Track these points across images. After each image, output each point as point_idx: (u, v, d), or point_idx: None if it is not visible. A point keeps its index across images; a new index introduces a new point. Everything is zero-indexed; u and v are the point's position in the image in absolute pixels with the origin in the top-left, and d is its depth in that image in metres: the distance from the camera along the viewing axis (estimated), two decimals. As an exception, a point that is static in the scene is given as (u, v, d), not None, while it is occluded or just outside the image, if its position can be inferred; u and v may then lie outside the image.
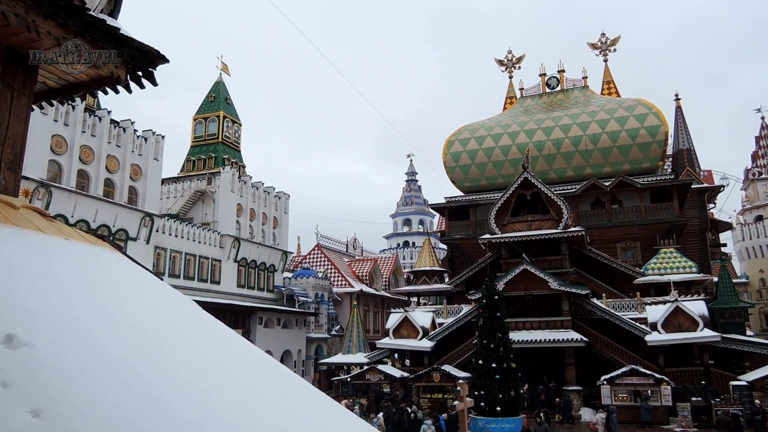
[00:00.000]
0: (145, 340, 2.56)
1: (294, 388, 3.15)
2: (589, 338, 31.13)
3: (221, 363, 2.81)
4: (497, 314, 23.19)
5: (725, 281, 33.73)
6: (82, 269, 3.12)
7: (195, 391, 2.35)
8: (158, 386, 2.23)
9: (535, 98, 48.79)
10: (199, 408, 2.24)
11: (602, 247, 37.43)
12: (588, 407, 29.09)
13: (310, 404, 3.09)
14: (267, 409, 2.57)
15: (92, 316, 2.55)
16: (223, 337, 3.28)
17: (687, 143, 46.19)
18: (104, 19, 4.30)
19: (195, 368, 2.54)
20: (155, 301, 3.20)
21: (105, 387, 2.09)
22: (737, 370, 29.69)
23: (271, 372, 3.17)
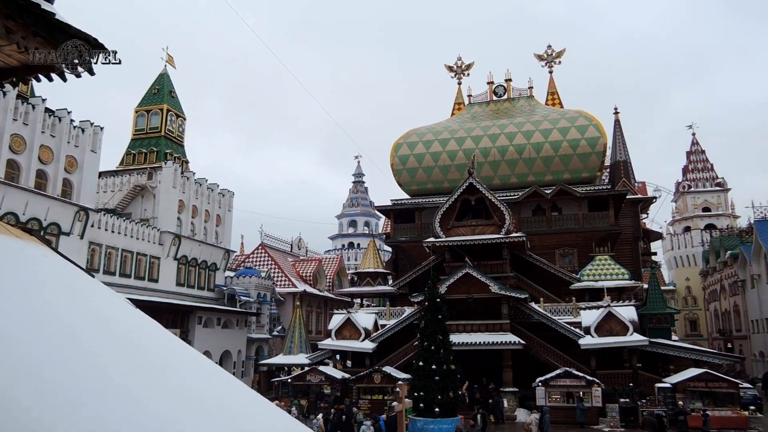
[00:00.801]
0: (60, 339, 2.47)
1: (225, 389, 3.11)
2: (527, 341, 31.92)
3: (142, 365, 2.75)
4: (439, 317, 23.49)
5: (654, 288, 35.26)
6: (1, 264, 2.99)
7: (107, 394, 2.29)
8: (68, 390, 2.16)
9: (483, 105, 49.69)
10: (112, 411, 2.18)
11: (542, 252, 38.45)
12: (523, 408, 29.84)
13: (241, 405, 3.07)
14: (192, 409, 2.54)
15: (5, 313, 2.45)
16: (151, 337, 3.21)
17: (624, 155, 48.00)
18: (38, 3, 4.14)
19: (114, 371, 2.47)
20: (80, 299, 3.10)
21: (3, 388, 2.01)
22: (662, 373, 31.10)
23: (201, 372, 3.13)
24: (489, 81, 50.47)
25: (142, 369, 2.60)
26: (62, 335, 2.52)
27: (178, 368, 2.98)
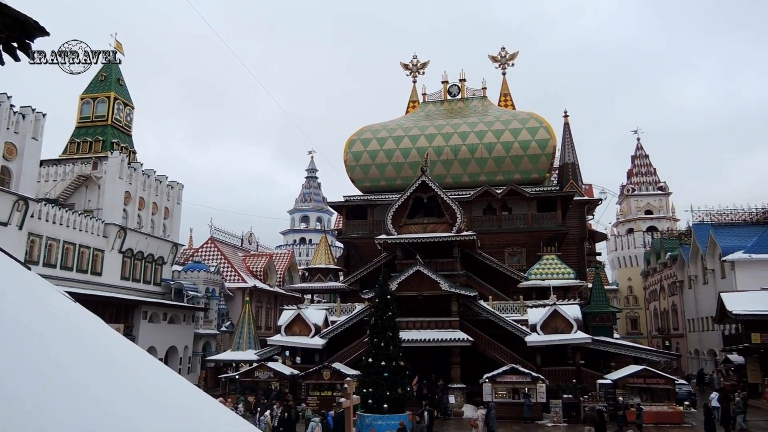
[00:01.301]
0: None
1: (166, 386, 3.04)
2: (475, 338, 32.43)
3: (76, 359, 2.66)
4: (389, 313, 23.59)
5: (598, 288, 36.37)
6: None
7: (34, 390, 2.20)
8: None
9: (437, 104, 50.13)
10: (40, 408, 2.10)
11: (492, 251, 39.10)
12: (470, 404, 30.31)
13: (182, 402, 3.00)
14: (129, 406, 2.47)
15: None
16: (82, 331, 3.10)
17: (572, 158, 49.32)
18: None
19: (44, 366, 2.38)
20: (10, 292, 2.97)
21: None
22: (604, 370, 32.16)
23: (140, 368, 3.04)
24: (444, 80, 50.97)
25: (77, 364, 2.52)
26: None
27: (116, 364, 2.89)
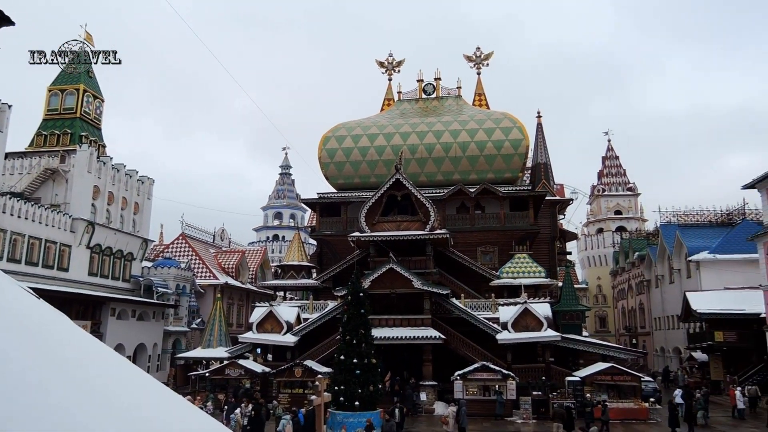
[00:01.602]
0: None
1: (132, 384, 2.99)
2: (447, 336, 32.63)
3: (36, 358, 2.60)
4: (361, 311, 23.58)
5: (568, 286, 36.89)
6: None
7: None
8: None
9: (412, 102, 50.24)
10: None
11: (464, 250, 39.37)
12: (442, 401, 30.51)
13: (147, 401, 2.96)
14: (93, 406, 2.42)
15: None
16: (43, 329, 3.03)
17: (545, 158, 49.89)
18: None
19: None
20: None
21: None
22: (573, 367, 32.66)
23: (104, 367, 2.99)
24: (419, 79, 51.09)
25: (36, 363, 2.46)
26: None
27: (79, 362, 2.83)
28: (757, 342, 34.59)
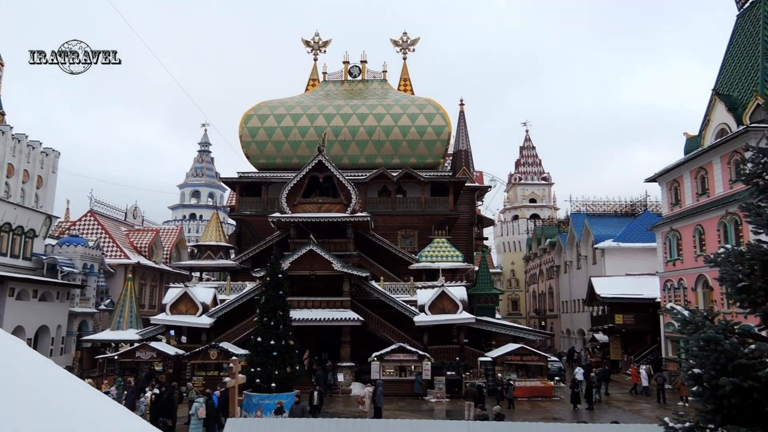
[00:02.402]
0: None
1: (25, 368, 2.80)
2: (366, 318, 32.96)
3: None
4: (280, 292, 23.36)
5: (484, 271, 38.14)
6: None
7: None
8: None
9: (337, 84, 49.82)
10: None
11: (385, 233, 39.74)
12: (359, 382, 30.87)
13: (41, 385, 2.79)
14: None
15: None
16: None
17: (466, 145, 50.99)
18: None
19: None
20: None
21: None
22: (486, 348, 33.93)
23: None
24: (345, 60, 50.70)
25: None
26: None
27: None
28: (652, 324, 37.22)
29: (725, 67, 32.73)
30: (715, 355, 6.69)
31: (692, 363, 7.22)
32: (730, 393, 6.50)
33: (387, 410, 23.84)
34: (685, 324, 7.49)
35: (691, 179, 32.34)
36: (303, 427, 10.16)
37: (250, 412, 20.68)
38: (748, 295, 7.47)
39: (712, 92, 31.53)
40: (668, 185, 35.10)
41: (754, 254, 7.33)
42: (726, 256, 7.75)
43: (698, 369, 7.08)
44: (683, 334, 7.73)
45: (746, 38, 31.47)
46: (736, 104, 29.54)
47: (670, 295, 33.65)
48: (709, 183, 30.48)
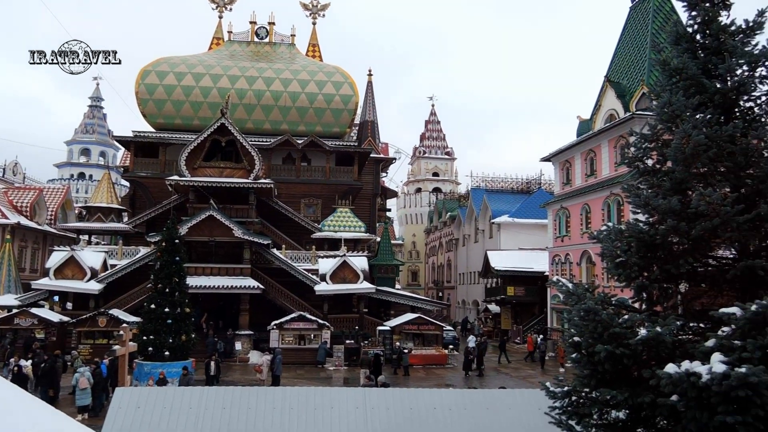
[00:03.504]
0: None
1: None
2: (266, 286, 32.65)
3: None
4: (176, 258, 22.55)
5: (385, 242, 38.79)
6: None
7: None
8: None
9: (243, 45, 48.04)
10: None
11: (288, 201, 39.29)
12: (257, 350, 30.65)
13: None
14: None
15: None
16: None
17: (372, 116, 51.10)
18: None
19: None
20: None
21: None
22: (385, 317, 34.72)
23: None
24: (252, 21, 48.90)
25: None
26: None
27: None
28: (540, 296, 39.61)
29: (617, 56, 34.78)
30: (593, 324, 7.23)
31: (573, 332, 7.78)
32: (605, 359, 7.07)
33: (285, 378, 23.90)
34: (569, 296, 8.03)
35: (581, 160, 34.34)
36: (197, 396, 9.96)
37: (142, 381, 19.99)
38: (625, 269, 8.12)
39: (605, 79, 33.45)
40: (561, 165, 37.09)
41: (632, 232, 7.94)
42: (607, 234, 8.35)
43: (578, 337, 7.63)
44: (567, 305, 8.29)
45: (636, 29, 33.54)
46: (624, 92, 31.55)
47: (557, 269, 35.86)
48: (597, 165, 32.52)
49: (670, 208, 7.54)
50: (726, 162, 7.68)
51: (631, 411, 7.39)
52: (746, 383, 5.61)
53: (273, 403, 9.74)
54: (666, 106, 8.11)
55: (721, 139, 7.49)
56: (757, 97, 8.16)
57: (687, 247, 7.74)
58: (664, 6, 32.40)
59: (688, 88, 8.14)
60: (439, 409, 10.09)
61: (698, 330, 7.66)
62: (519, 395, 10.91)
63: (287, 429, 9.43)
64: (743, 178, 7.80)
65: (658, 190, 8.21)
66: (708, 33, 8.44)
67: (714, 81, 8.02)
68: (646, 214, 8.19)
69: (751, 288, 7.57)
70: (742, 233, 7.37)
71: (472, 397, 10.74)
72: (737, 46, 7.96)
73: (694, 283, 8.48)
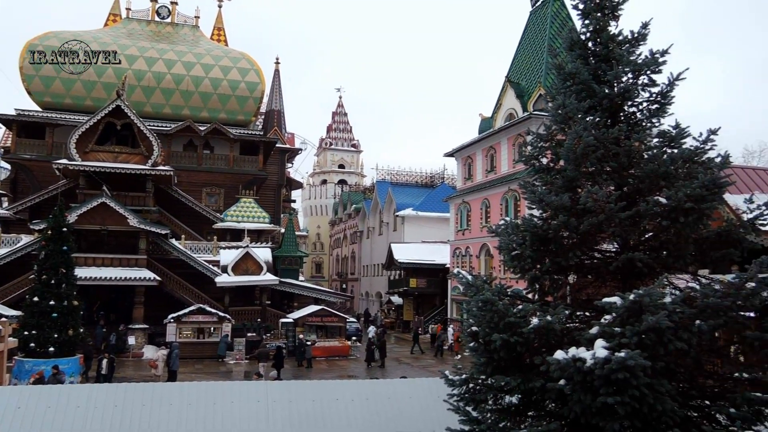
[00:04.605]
0: None
1: None
2: (164, 278, 31.40)
3: None
4: (64, 247, 21.11)
5: (290, 233, 38.39)
6: None
7: None
8: None
9: (142, 23, 45.59)
10: None
11: (189, 189, 37.91)
12: (152, 345, 29.41)
13: None
14: None
15: None
16: None
17: (279, 105, 50.30)
18: None
19: None
20: None
21: None
22: (288, 309, 34.43)
23: None
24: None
25: None
26: None
27: None
28: (441, 288, 40.76)
29: (517, 58, 36.30)
30: (490, 314, 7.55)
31: (471, 322, 8.08)
32: (500, 347, 7.41)
33: (182, 373, 23.12)
34: (468, 287, 8.33)
35: (482, 157, 35.61)
36: (86, 394, 9.39)
37: (22, 379, 18.63)
38: (520, 262, 8.53)
39: (505, 79, 34.82)
40: (463, 161, 38.27)
41: (527, 227, 8.35)
42: (504, 228, 8.73)
43: (476, 327, 7.94)
44: (466, 296, 8.59)
45: (535, 33, 35.16)
46: (523, 92, 33.02)
47: (458, 261, 37.02)
48: (497, 161, 33.86)
49: (562, 204, 8.00)
50: (611, 162, 8.24)
51: (523, 396, 7.80)
52: (625, 366, 6.07)
53: (169, 399, 9.39)
54: (560, 108, 8.58)
55: (608, 141, 8.04)
56: (640, 103, 8.80)
57: (576, 241, 8.24)
58: (561, 13, 34.15)
59: (580, 92, 8.64)
60: (341, 400, 10.16)
61: (584, 318, 8.18)
62: (419, 384, 11.19)
63: (185, 425, 9.13)
64: (626, 177, 8.41)
65: (552, 187, 8.68)
66: (599, 41, 9.00)
67: (603, 86, 8.56)
68: (540, 209, 8.63)
69: (631, 279, 8.20)
70: (623, 228, 7.95)
71: (374, 388, 10.90)
72: (624, 55, 8.55)
73: (582, 274, 9.06)
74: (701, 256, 8.41)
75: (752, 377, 7.17)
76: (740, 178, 20.22)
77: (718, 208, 13.28)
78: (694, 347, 6.93)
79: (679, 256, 8.20)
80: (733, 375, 7.45)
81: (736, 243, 8.23)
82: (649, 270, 8.03)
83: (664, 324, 6.30)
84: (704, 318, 6.83)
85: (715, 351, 7.79)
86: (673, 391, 6.70)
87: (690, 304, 6.94)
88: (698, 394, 7.57)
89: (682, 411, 6.87)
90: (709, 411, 7.33)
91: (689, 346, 6.75)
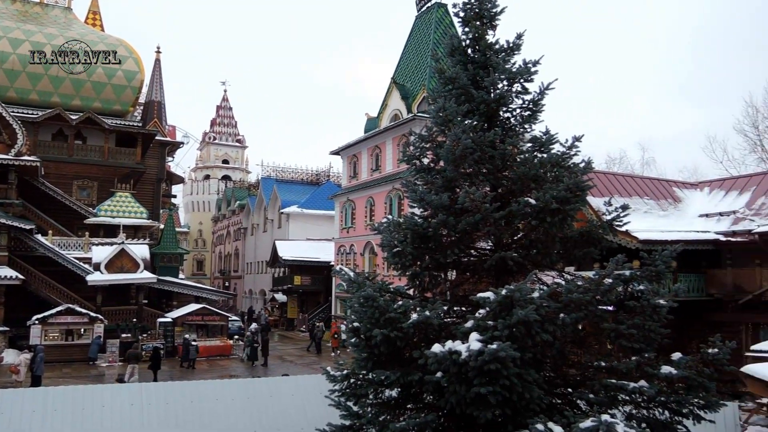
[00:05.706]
0: None
1: None
2: (28, 276, 29.11)
3: None
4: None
5: (169, 229, 36.77)
6: None
7: None
8: None
9: (7, 2, 41.52)
10: None
11: (58, 182, 35.21)
12: (13, 349, 27.01)
13: None
14: None
15: None
16: None
17: (159, 96, 47.79)
18: None
19: None
20: None
21: None
22: (167, 309, 32.99)
23: None
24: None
25: None
26: None
27: None
28: (326, 285, 40.87)
29: (403, 60, 37.17)
30: (371, 310, 7.75)
31: (353, 318, 8.25)
32: (380, 342, 7.63)
33: (48, 378, 21.49)
34: (351, 284, 8.50)
35: (368, 156, 36.13)
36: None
37: None
38: (401, 258, 8.83)
39: (391, 80, 35.56)
40: (349, 159, 38.62)
41: (408, 225, 8.66)
42: (387, 226, 8.99)
43: (358, 323, 8.12)
44: (349, 293, 8.74)
45: (420, 37, 36.19)
46: (408, 94, 33.90)
47: (343, 259, 37.31)
48: (382, 161, 34.51)
49: (441, 203, 8.38)
50: (488, 164, 8.75)
51: (402, 389, 8.08)
52: (496, 358, 6.48)
53: (32, 406, 8.75)
54: (440, 110, 8.97)
55: (485, 144, 8.53)
56: (514, 109, 9.41)
57: (454, 239, 8.66)
58: (445, 19, 35.40)
59: (459, 96, 9.09)
60: (221, 400, 9.97)
61: (461, 313, 8.61)
62: (301, 381, 11.24)
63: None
64: (500, 179, 8.97)
65: (432, 186, 9.06)
66: (477, 48, 9.50)
67: (480, 92, 9.05)
68: (421, 208, 8.98)
69: (504, 275, 8.76)
70: (497, 228, 8.48)
71: (255, 387, 10.80)
72: (500, 63, 9.10)
73: (460, 271, 9.54)
74: (566, 254, 9.15)
75: (609, 366, 7.92)
76: (602, 182, 22.16)
77: (582, 210, 14.50)
78: (559, 339, 7.54)
79: (547, 254, 8.87)
80: (593, 364, 8.18)
81: (596, 242, 9.05)
82: (520, 267, 8.61)
83: (532, 317, 6.80)
84: (568, 312, 7.46)
85: (578, 342, 8.52)
86: (540, 379, 7.25)
87: (555, 299, 7.54)
88: (562, 382, 8.23)
89: (548, 398, 7.44)
90: (571, 398, 8.01)
91: (554, 337, 7.34)
